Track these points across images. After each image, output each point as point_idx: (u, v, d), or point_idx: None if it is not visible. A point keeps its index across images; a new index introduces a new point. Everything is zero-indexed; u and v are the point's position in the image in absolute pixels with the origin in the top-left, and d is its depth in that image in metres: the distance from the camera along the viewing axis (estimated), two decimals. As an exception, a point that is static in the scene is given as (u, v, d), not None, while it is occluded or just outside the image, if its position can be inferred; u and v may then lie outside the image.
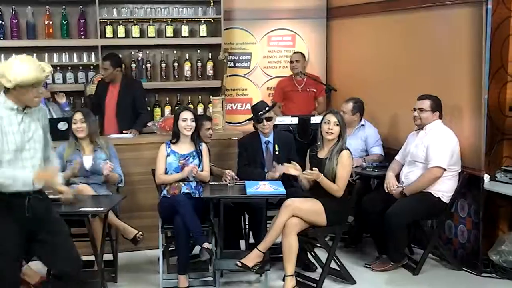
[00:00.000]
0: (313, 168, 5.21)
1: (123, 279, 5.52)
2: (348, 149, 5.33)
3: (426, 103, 5.61)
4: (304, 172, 5.28)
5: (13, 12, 7.18)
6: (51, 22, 7.32)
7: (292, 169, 5.32)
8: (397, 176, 5.79)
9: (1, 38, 7.16)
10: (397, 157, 5.88)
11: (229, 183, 5.50)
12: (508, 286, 5.31)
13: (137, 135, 6.52)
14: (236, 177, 5.55)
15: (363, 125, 6.49)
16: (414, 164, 5.65)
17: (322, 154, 5.35)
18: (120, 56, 7.07)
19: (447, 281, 5.46)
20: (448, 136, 5.54)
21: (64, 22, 7.33)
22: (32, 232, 3.97)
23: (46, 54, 7.31)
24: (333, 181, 5.22)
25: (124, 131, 6.55)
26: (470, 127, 5.59)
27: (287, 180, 5.56)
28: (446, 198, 5.53)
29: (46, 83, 6.76)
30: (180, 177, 5.48)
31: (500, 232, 5.71)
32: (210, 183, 5.58)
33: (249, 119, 6.00)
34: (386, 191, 5.68)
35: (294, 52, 7.71)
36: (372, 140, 6.46)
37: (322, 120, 5.41)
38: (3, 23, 7.17)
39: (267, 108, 5.78)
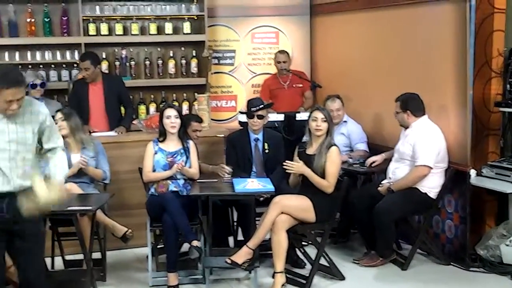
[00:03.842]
0: (297, 161, 5.24)
1: (112, 278, 5.50)
2: (337, 146, 5.35)
3: (397, 105, 5.67)
4: (286, 162, 5.29)
5: (-6, 10, 7.11)
6: (33, 20, 7.23)
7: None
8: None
9: (-17, 36, 7.09)
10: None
11: (227, 177, 5.47)
12: (496, 280, 5.35)
13: (124, 132, 6.48)
14: (231, 169, 5.53)
15: (345, 121, 6.51)
16: (401, 161, 5.69)
17: (311, 151, 5.36)
18: (96, 52, 6.97)
19: (435, 276, 5.49)
20: (433, 133, 5.56)
21: (47, 20, 7.26)
22: (10, 232, 3.90)
23: (29, 52, 7.24)
24: (322, 177, 5.23)
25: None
26: (455, 123, 5.62)
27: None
28: (433, 194, 5.56)
29: (34, 84, 6.69)
30: (168, 174, 5.46)
31: (487, 227, 5.76)
32: (198, 180, 5.56)
33: (241, 112, 5.99)
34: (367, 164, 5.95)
35: (280, 52, 7.66)
36: (356, 137, 6.48)
37: (309, 117, 5.42)
38: (-16, 21, 7.10)
39: (261, 106, 5.77)
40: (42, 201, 3.75)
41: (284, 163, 5.30)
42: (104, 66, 7.33)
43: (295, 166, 5.26)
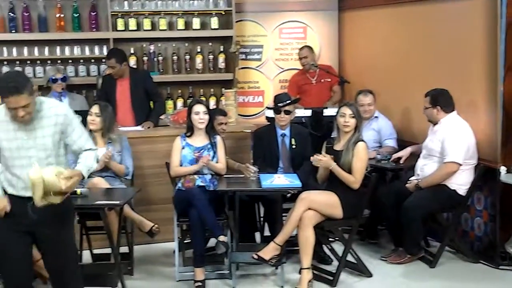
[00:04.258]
0: (324, 155, 5.20)
1: (139, 272, 5.53)
2: (364, 141, 5.31)
3: (426, 100, 5.62)
4: (315, 155, 5.26)
5: (25, 5, 7.16)
6: (62, 15, 7.30)
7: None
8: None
9: (13, 31, 7.16)
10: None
11: (253, 176, 5.46)
12: (525, 278, 5.30)
13: (151, 127, 6.51)
14: (257, 169, 5.52)
15: (376, 116, 6.46)
16: (429, 158, 5.63)
17: (338, 146, 5.34)
18: (124, 49, 7.01)
19: (464, 274, 5.43)
20: (463, 129, 5.50)
21: (76, 15, 7.32)
22: (35, 234, 3.92)
23: (58, 47, 7.31)
24: (350, 173, 5.20)
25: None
26: (485, 119, 5.55)
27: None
28: (462, 191, 5.50)
29: (55, 78, 6.74)
30: (195, 169, 5.47)
31: (516, 225, 5.70)
32: (225, 175, 5.56)
33: (268, 107, 5.98)
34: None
35: (300, 49, 7.62)
36: (386, 132, 6.43)
37: (337, 113, 5.39)
38: (14, 16, 7.15)
39: (288, 101, 5.75)
40: (32, 179, 3.61)
41: (311, 157, 5.29)
42: (132, 61, 7.37)
43: (323, 160, 5.23)
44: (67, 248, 4.02)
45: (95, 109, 5.58)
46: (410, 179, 5.72)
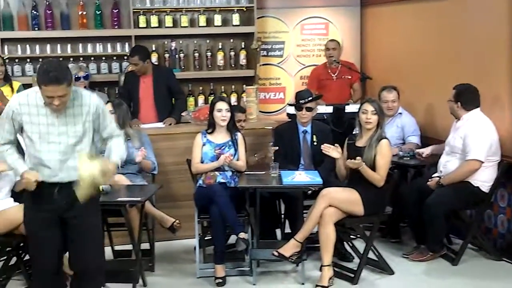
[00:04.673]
0: (357, 158, 5.16)
1: (160, 268, 5.55)
2: (387, 138, 5.27)
3: (452, 93, 5.57)
4: (348, 161, 5.23)
5: (48, 3, 7.19)
6: (84, 13, 7.32)
7: (334, 151, 5.30)
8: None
9: (36, 29, 7.19)
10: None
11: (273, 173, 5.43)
12: (550, 276, 5.23)
13: (173, 124, 6.53)
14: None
15: (400, 113, 6.41)
16: (452, 154, 5.58)
17: (360, 143, 5.31)
18: (146, 46, 7.02)
19: (486, 272, 5.38)
20: (485, 127, 5.43)
21: (98, 13, 7.35)
22: (64, 220, 3.96)
23: (80, 45, 7.34)
24: (372, 169, 5.16)
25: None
26: (509, 115, 5.49)
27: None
28: (485, 188, 5.44)
29: (78, 77, 6.77)
30: (216, 165, 5.47)
31: (541, 222, 5.63)
32: (246, 172, 5.55)
33: (290, 104, 5.95)
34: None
35: (330, 40, 7.59)
36: (409, 129, 6.38)
37: (359, 109, 5.35)
38: (37, 13, 7.19)
39: (309, 98, 5.72)
40: (83, 176, 3.71)
41: (323, 146, 5.29)
42: (154, 58, 7.36)
43: (355, 162, 5.17)
44: (94, 238, 4.06)
45: (108, 106, 5.59)
46: (433, 175, 5.67)
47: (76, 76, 6.76)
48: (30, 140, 3.88)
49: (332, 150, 5.33)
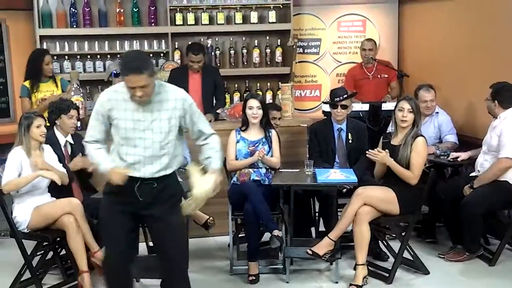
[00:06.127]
0: (386, 150, 5.11)
1: (193, 265, 5.53)
2: (423, 136, 5.21)
3: (489, 92, 5.50)
4: (369, 151, 5.19)
5: (86, 1, 7.28)
6: (122, 10, 7.40)
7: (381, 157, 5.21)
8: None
9: (74, 26, 7.28)
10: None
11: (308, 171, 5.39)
12: None
13: (212, 120, 6.54)
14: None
15: (437, 112, 6.33)
16: (489, 153, 5.49)
17: (396, 141, 5.25)
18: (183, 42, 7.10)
19: (524, 273, 5.30)
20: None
21: (135, 10, 7.41)
22: (141, 217, 4.01)
23: (118, 42, 7.41)
24: (407, 168, 5.11)
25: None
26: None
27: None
28: (524, 187, 5.35)
29: (118, 73, 6.80)
30: (250, 161, 5.47)
31: None
32: (280, 170, 5.54)
33: (324, 102, 5.92)
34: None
35: (367, 40, 7.50)
36: (446, 128, 6.30)
37: (395, 107, 5.29)
38: (75, 11, 7.28)
39: (344, 96, 5.67)
40: (197, 195, 3.78)
41: (367, 151, 5.22)
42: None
43: (379, 155, 5.15)
44: (177, 236, 4.04)
45: None
46: (471, 175, 5.59)
47: (116, 72, 6.82)
48: (116, 134, 3.90)
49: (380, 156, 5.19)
